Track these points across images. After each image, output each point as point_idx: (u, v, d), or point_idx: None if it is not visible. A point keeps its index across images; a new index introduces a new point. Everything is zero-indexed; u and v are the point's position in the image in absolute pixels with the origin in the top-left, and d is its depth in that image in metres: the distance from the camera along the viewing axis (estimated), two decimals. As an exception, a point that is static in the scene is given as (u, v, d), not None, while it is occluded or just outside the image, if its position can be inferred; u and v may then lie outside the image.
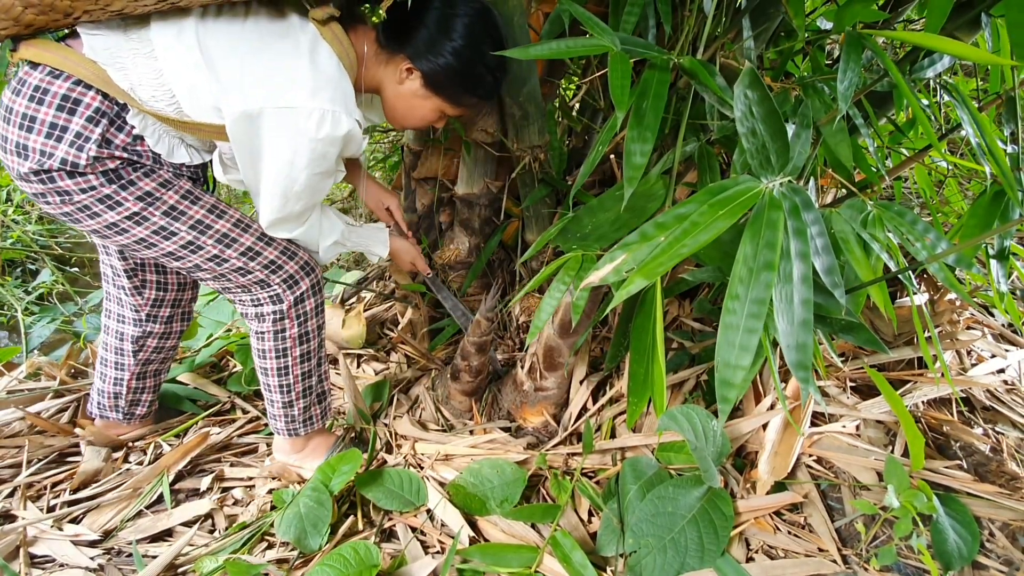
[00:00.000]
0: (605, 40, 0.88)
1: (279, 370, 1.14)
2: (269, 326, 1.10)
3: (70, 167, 0.86)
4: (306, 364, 1.16)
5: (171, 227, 0.97)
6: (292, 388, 1.16)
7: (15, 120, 0.86)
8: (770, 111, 0.74)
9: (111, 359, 1.27)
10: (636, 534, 0.99)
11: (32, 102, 0.85)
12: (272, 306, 1.08)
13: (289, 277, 1.08)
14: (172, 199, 0.95)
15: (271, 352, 1.12)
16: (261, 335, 1.11)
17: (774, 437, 1.14)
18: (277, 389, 1.16)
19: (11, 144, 0.87)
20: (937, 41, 0.76)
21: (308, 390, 1.19)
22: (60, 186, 0.88)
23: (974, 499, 1.00)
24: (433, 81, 0.97)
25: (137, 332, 1.24)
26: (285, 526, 1.05)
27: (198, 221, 0.98)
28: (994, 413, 1.30)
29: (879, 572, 0.90)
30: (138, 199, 0.93)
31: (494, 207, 1.56)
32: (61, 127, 0.85)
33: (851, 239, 0.88)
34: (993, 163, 1.03)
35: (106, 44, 0.85)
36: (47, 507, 1.15)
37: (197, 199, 0.99)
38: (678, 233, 0.71)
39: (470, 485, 1.16)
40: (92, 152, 0.86)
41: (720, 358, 0.70)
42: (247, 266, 1.03)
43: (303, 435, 1.23)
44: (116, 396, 1.30)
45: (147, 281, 1.20)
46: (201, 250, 1.00)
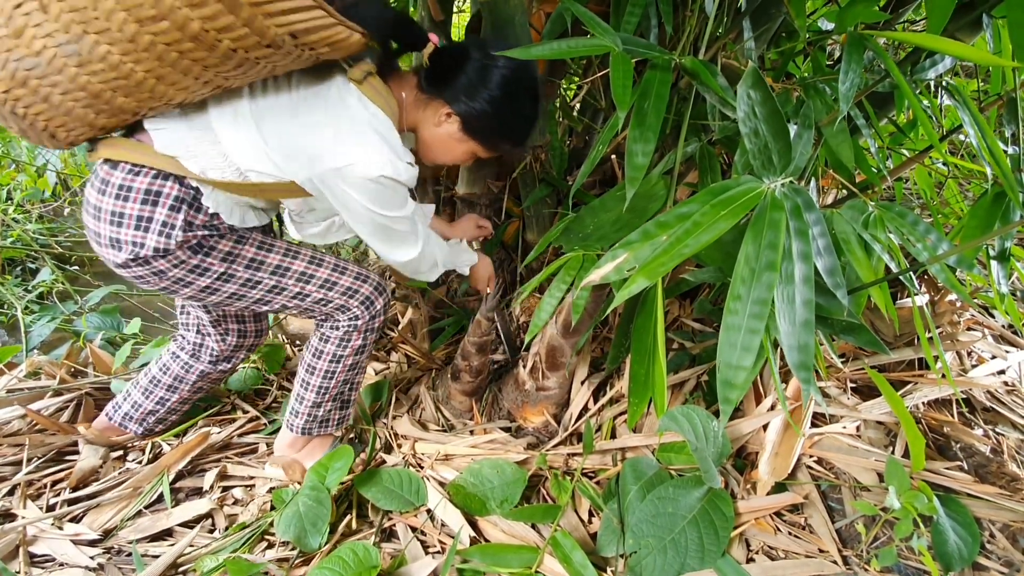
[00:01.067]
0: (607, 40, 0.88)
1: (326, 373, 1.19)
2: (339, 335, 1.17)
3: (162, 252, 0.95)
4: (351, 372, 1.22)
5: (255, 277, 1.05)
6: (329, 391, 1.21)
7: (105, 217, 0.94)
8: (773, 112, 0.74)
9: (167, 381, 1.31)
10: (636, 535, 0.99)
11: (119, 200, 0.93)
12: (349, 323, 1.16)
13: (366, 299, 1.15)
14: (251, 252, 1.04)
15: (327, 356, 1.18)
16: (326, 338, 1.18)
17: (774, 438, 1.14)
18: (315, 389, 1.21)
19: (104, 239, 0.96)
20: (938, 42, 0.76)
21: (339, 395, 1.24)
22: (154, 267, 0.97)
23: (975, 500, 1.00)
24: (470, 126, 1.03)
25: (208, 369, 1.31)
26: (285, 525, 1.05)
27: (277, 266, 1.07)
28: (994, 414, 1.30)
29: (879, 573, 0.90)
30: (222, 260, 1.01)
31: (495, 207, 1.56)
32: (147, 218, 0.93)
33: (852, 240, 0.88)
34: (994, 164, 1.03)
35: (173, 137, 0.93)
36: (47, 506, 1.15)
37: (272, 246, 1.07)
38: (680, 233, 0.71)
39: (470, 485, 1.16)
40: (179, 237, 0.95)
41: (722, 359, 0.70)
42: (327, 296, 1.12)
43: (313, 435, 1.25)
44: (151, 413, 1.32)
45: (230, 330, 1.28)
46: (285, 291, 1.08)
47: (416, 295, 1.68)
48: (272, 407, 1.54)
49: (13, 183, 3.10)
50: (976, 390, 1.33)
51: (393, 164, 0.93)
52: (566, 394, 1.37)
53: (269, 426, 1.45)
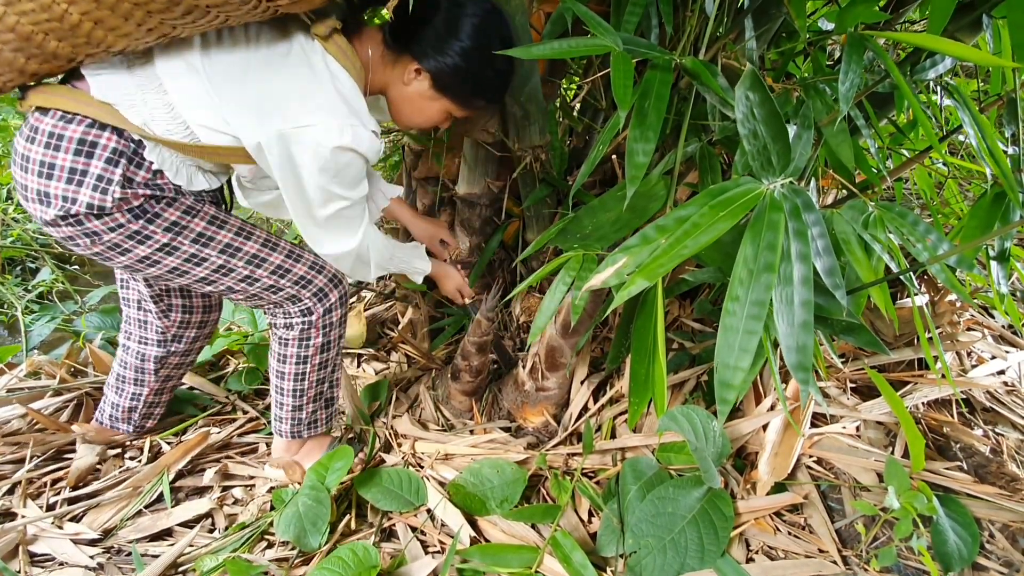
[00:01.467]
0: (607, 40, 0.87)
1: (296, 376, 1.15)
2: (296, 334, 1.11)
3: (96, 210, 0.86)
4: (323, 371, 1.17)
5: (201, 253, 0.97)
6: (304, 393, 1.17)
7: (33, 168, 0.86)
8: (772, 113, 0.74)
9: (130, 376, 1.28)
10: (636, 534, 0.99)
11: (48, 148, 0.85)
12: (302, 318, 1.10)
13: (319, 290, 1.09)
14: (199, 226, 0.96)
15: (292, 358, 1.13)
16: (285, 341, 1.12)
17: (774, 438, 1.14)
18: (290, 393, 1.17)
19: (32, 192, 0.87)
20: (939, 43, 0.76)
21: (319, 395, 1.20)
22: (88, 228, 0.88)
23: (974, 500, 1.00)
24: (441, 82, 0.96)
25: (161, 352, 1.25)
26: (284, 525, 1.05)
27: (227, 245, 0.99)
28: (994, 414, 1.30)
29: (879, 573, 0.91)
30: (166, 230, 0.93)
31: (495, 207, 1.56)
32: (81, 171, 0.85)
33: (852, 240, 0.88)
34: (994, 165, 1.03)
35: (112, 83, 0.85)
36: (47, 505, 1.15)
37: (224, 222, 0.99)
38: (679, 235, 0.71)
39: (470, 485, 1.16)
40: (116, 193, 0.86)
41: (719, 359, 0.70)
42: (278, 284, 1.05)
43: (304, 437, 1.23)
44: (131, 410, 1.31)
45: (173, 305, 1.22)
46: (232, 272, 1.01)
47: (416, 295, 1.68)
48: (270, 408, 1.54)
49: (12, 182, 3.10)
50: (976, 390, 1.33)
51: (355, 132, 0.87)
52: (566, 394, 1.37)
53: (268, 426, 1.45)
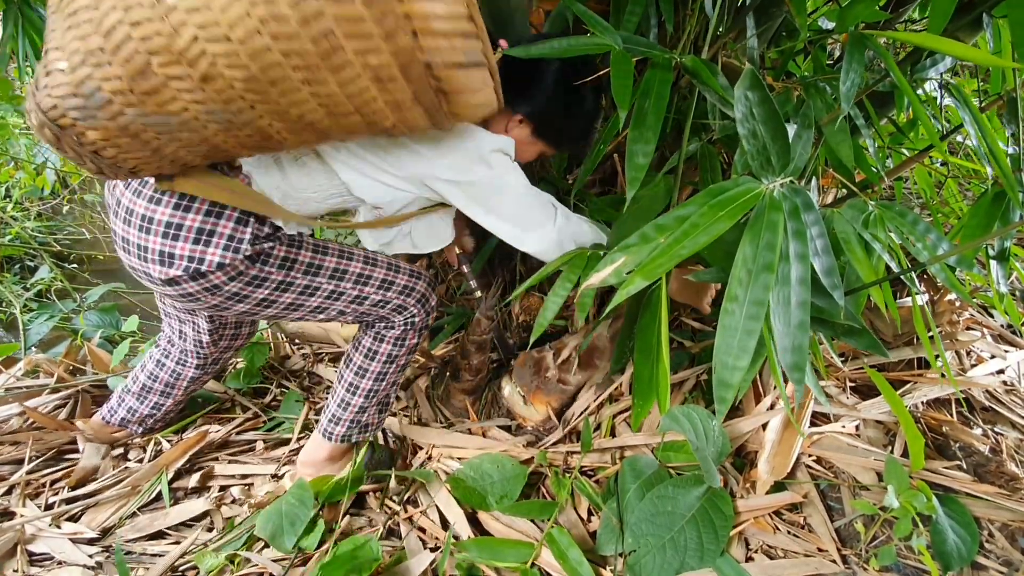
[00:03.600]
0: (607, 39, 0.87)
1: (379, 375, 1.14)
2: (396, 334, 1.11)
3: (224, 266, 0.87)
4: (401, 373, 1.18)
5: (314, 283, 0.98)
6: (378, 394, 1.16)
7: (157, 229, 0.85)
8: (771, 113, 0.74)
9: (158, 388, 1.29)
10: (635, 533, 0.99)
11: (177, 210, 0.85)
12: (405, 323, 1.11)
13: (422, 296, 1.11)
14: (307, 256, 0.97)
15: (382, 356, 1.12)
16: (381, 337, 1.12)
17: (774, 437, 1.14)
18: (364, 392, 1.15)
19: (153, 253, 0.86)
20: (939, 42, 0.76)
21: (387, 397, 1.20)
22: (210, 282, 0.88)
23: (973, 500, 1.00)
24: (541, 129, 1.02)
25: (198, 373, 1.28)
26: (263, 522, 1.04)
27: (335, 269, 1.00)
28: (993, 414, 1.30)
29: (878, 572, 0.91)
30: (279, 267, 0.94)
31: (494, 206, 1.56)
32: (209, 231, 0.85)
33: (852, 239, 0.88)
34: (994, 164, 1.03)
35: (269, 182, 0.92)
36: (46, 504, 1.15)
37: (326, 248, 1.01)
38: (678, 235, 0.71)
39: (470, 479, 1.16)
40: (247, 251, 0.87)
41: (718, 359, 0.70)
42: (385, 297, 1.06)
43: (352, 443, 1.20)
44: (149, 417, 1.31)
45: (224, 335, 1.25)
46: (343, 296, 1.02)
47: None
48: (271, 405, 1.54)
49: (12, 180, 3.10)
50: (975, 390, 1.33)
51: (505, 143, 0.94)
52: (576, 392, 1.37)
53: (267, 423, 1.45)
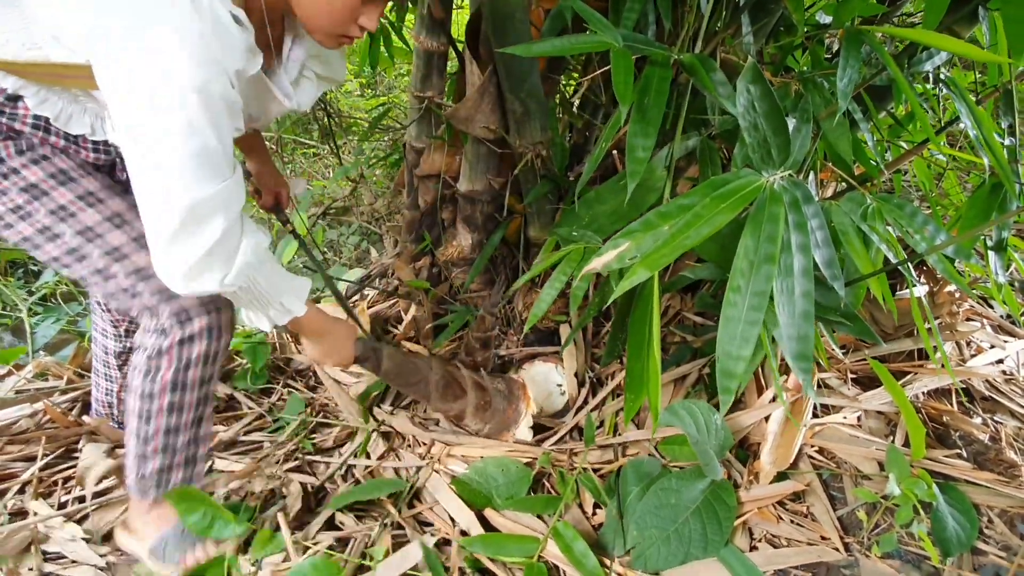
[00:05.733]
0: (607, 36, 0.88)
1: (140, 413, 0.93)
2: (142, 361, 0.91)
3: None
4: (173, 417, 0.94)
5: (28, 204, 0.81)
6: (150, 440, 0.94)
7: None
8: (772, 107, 0.75)
9: (101, 370, 1.25)
10: (640, 526, 1.01)
11: None
12: (154, 339, 0.90)
13: (182, 310, 0.88)
14: (35, 175, 0.80)
15: (136, 390, 0.92)
16: (133, 365, 0.93)
17: (776, 429, 1.15)
18: (132, 434, 0.95)
19: None
20: (934, 38, 0.77)
21: (169, 448, 0.96)
22: None
23: (973, 487, 1.02)
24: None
25: (118, 347, 1.20)
26: None
27: (60, 206, 0.82)
28: (993, 403, 1.31)
29: (880, 559, 0.92)
30: (22, 191, 0.80)
31: (496, 203, 1.57)
32: None
33: (851, 232, 0.89)
34: (991, 155, 1.04)
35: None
36: (58, 503, 1.17)
37: (70, 179, 0.82)
38: (681, 224, 0.73)
39: (474, 482, 1.17)
40: None
41: (722, 349, 0.71)
42: (134, 287, 0.87)
43: (151, 498, 0.99)
44: (110, 405, 1.30)
45: None
46: (58, 239, 0.83)
47: (419, 293, 1.69)
48: (277, 404, 1.55)
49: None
50: (975, 380, 1.34)
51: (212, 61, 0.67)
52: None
53: (274, 424, 1.46)
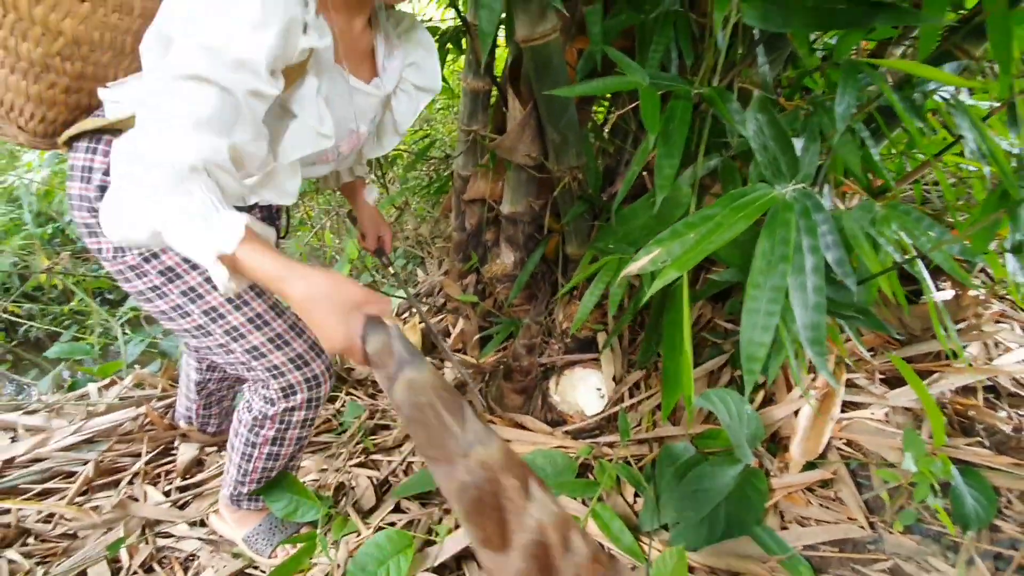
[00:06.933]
0: (636, 76, 1.03)
1: (243, 455, 1.09)
2: (248, 419, 1.05)
3: (87, 210, 0.87)
4: (271, 462, 1.11)
5: (186, 307, 0.92)
6: (249, 474, 1.12)
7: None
8: (778, 131, 0.88)
9: (182, 389, 1.40)
10: (677, 509, 1.10)
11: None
12: (260, 404, 1.03)
13: (288, 386, 1.00)
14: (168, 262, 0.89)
15: (241, 438, 1.08)
16: (240, 419, 1.08)
17: (805, 423, 1.24)
18: (234, 464, 1.12)
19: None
20: (921, 70, 0.89)
21: (264, 479, 1.15)
22: (79, 226, 0.90)
23: (993, 472, 1.08)
24: None
25: (198, 377, 1.35)
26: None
27: (212, 307, 0.92)
28: (1019, 399, 1.36)
29: (902, 534, 0.99)
30: (160, 273, 0.89)
31: (536, 224, 1.72)
32: (81, 167, 0.87)
33: (860, 236, 0.99)
34: (994, 164, 1.13)
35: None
36: (162, 492, 1.34)
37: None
38: (705, 232, 0.85)
39: (525, 472, 1.29)
40: (97, 181, 0.85)
41: (745, 337, 0.83)
42: (249, 363, 0.97)
43: (243, 508, 1.19)
44: (189, 418, 1.45)
45: None
46: (219, 324, 0.93)
47: (467, 307, 1.84)
48: (341, 411, 1.71)
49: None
50: (1002, 377, 1.39)
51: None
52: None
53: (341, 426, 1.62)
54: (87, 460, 1.39)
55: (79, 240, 3.35)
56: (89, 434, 1.48)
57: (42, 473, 1.37)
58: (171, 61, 0.64)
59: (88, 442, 1.47)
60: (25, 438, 1.46)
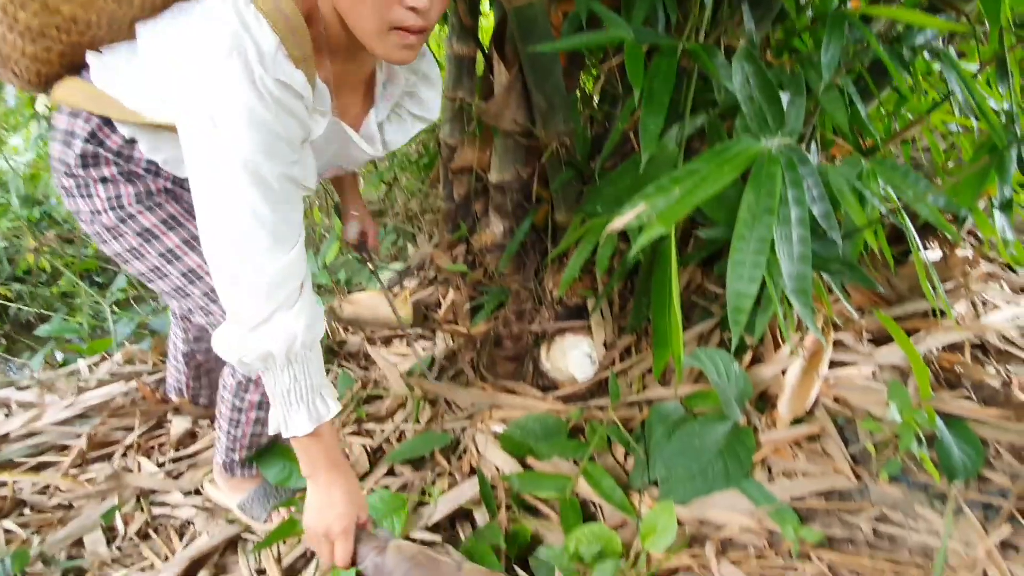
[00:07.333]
0: (621, 32, 1.01)
1: (231, 420, 1.09)
2: (232, 384, 1.05)
3: (65, 173, 0.87)
4: (259, 427, 1.11)
5: (164, 268, 0.91)
6: (239, 439, 1.12)
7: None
8: (764, 81, 0.87)
9: (171, 360, 1.39)
10: (667, 466, 1.12)
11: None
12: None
13: None
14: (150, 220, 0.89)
15: (227, 403, 1.07)
16: (224, 383, 1.07)
17: (793, 381, 1.25)
18: (223, 432, 1.12)
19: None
20: (913, 16, 0.88)
21: (254, 445, 1.15)
22: (60, 184, 0.89)
23: (981, 425, 1.09)
24: None
25: (185, 348, 1.34)
26: None
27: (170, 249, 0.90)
28: (1007, 356, 1.37)
29: (888, 484, 1.01)
30: (138, 234, 0.89)
31: (525, 192, 1.70)
32: (64, 130, 0.87)
33: (846, 191, 0.99)
34: (983, 119, 1.12)
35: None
36: (156, 463, 1.34)
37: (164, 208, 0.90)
38: (690, 186, 0.85)
39: (517, 436, 1.30)
40: (78, 149, 0.85)
41: (731, 288, 0.83)
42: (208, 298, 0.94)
43: (237, 476, 1.20)
44: (180, 389, 1.45)
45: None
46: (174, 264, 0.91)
47: (457, 278, 1.84)
48: (333, 383, 1.71)
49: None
50: (990, 334, 1.41)
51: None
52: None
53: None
54: (80, 434, 1.40)
55: (65, 223, 3.32)
56: (81, 409, 1.48)
57: (36, 447, 1.38)
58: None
59: (81, 417, 1.47)
60: (19, 413, 1.46)
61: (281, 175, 0.71)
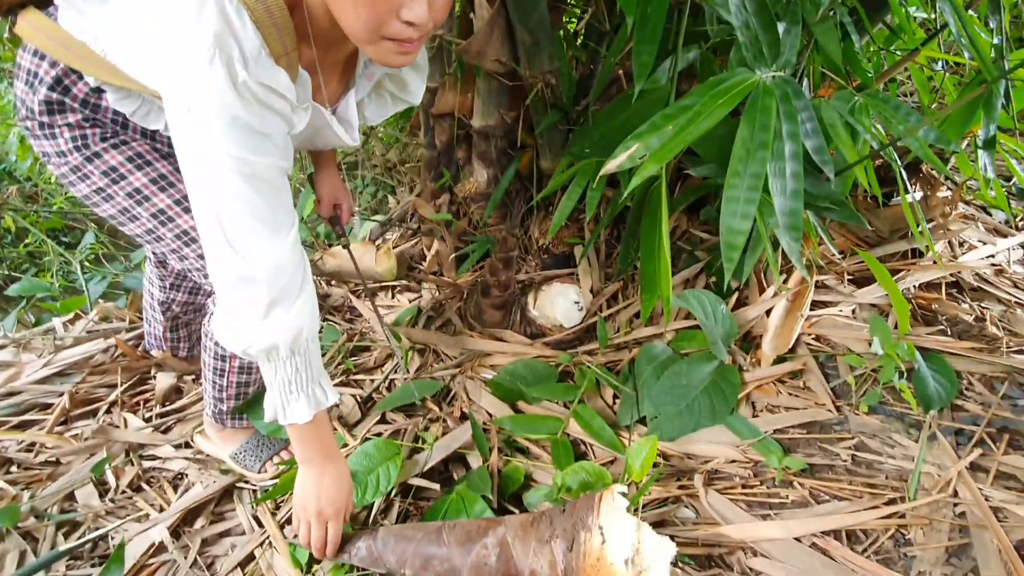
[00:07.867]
0: (610, -45, 0.96)
1: (215, 370, 1.07)
2: (212, 331, 0.96)
3: (27, 116, 0.84)
4: (243, 375, 1.08)
5: (134, 210, 0.88)
6: (225, 389, 1.10)
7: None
8: (760, 6, 0.83)
9: (147, 310, 1.35)
10: (655, 404, 1.14)
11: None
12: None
13: None
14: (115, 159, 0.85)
15: (210, 352, 1.05)
16: (206, 332, 1.04)
17: (776, 321, 1.27)
18: (209, 381, 1.10)
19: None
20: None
21: (241, 394, 1.13)
22: (25, 127, 0.86)
23: (955, 358, 1.13)
24: None
25: (162, 297, 1.29)
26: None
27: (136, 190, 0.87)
28: (981, 293, 1.41)
29: (867, 415, 1.05)
30: (104, 174, 0.86)
31: (509, 139, 1.65)
32: (27, 70, 0.82)
33: (839, 125, 0.98)
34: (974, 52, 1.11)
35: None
36: (143, 418, 1.33)
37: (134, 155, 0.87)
38: (684, 122, 0.82)
39: (507, 382, 1.31)
40: (42, 95, 0.81)
41: (725, 225, 0.82)
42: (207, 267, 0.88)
43: (228, 427, 1.18)
44: (158, 339, 1.39)
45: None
46: (138, 220, 0.89)
47: (441, 228, 1.80)
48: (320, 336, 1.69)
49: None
50: (965, 273, 1.44)
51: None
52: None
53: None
54: (61, 392, 1.37)
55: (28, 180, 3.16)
56: (60, 367, 1.44)
57: (17, 405, 1.35)
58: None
59: (60, 375, 1.44)
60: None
61: (270, 166, 0.69)
